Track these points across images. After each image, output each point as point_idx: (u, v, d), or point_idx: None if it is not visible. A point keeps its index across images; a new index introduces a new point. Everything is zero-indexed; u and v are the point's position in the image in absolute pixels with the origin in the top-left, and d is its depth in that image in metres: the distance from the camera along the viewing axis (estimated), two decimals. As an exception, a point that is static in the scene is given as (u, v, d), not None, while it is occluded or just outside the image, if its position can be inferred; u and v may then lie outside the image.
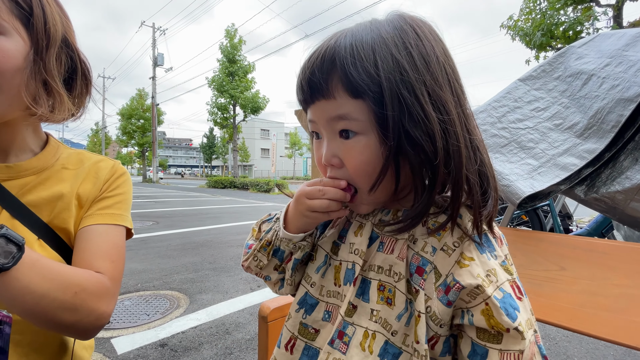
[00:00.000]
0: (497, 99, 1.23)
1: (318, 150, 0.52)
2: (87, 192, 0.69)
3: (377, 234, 0.53)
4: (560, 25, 8.10)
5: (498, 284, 0.43)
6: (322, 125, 0.49)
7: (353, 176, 0.49)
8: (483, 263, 0.44)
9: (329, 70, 0.45)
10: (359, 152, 0.47)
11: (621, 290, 0.84)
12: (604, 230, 2.77)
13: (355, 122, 0.46)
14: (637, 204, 0.90)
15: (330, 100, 0.46)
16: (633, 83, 0.96)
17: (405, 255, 0.49)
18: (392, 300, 0.49)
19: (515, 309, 0.42)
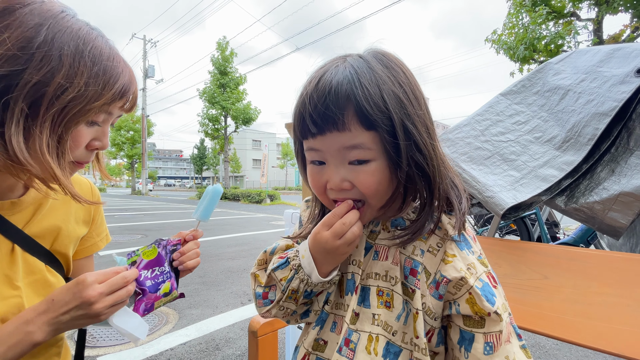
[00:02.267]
0: (480, 113, 1.27)
1: (318, 175, 0.55)
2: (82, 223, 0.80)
3: (371, 243, 0.59)
4: (542, 39, 8.39)
5: (477, 275, 0.50)
6: (330, 154, 0.53)
7: (366, 195, 0.53)
8: (463, 258, 0.52)
9: (344, 105, 0.49)
10: (371, 174, 0.52)
11: (602, 298, 0.86)
12: (589, 238, 2.83)
13: (369, 150, 0.51)
14: (615, 214, 0.93)
15: (344, 133, 0.50)
16: (607, 98, 1.00)
17: (399, 260, 0.55)
18: (390, 303, 0.54)
19: (492, 295, 0.49)
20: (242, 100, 21.38)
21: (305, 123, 0.52)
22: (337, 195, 0.55)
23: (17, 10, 0.53)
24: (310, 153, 0.55)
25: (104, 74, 0.59)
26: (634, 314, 0.81)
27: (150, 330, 2.56)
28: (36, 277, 0.67)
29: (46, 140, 0.55)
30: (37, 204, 0.69)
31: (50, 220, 0.71)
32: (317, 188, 0.57)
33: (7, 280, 0.63)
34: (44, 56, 0.53)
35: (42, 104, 0.54)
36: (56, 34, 0.54)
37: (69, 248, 0.75)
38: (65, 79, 0.54)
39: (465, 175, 1.15)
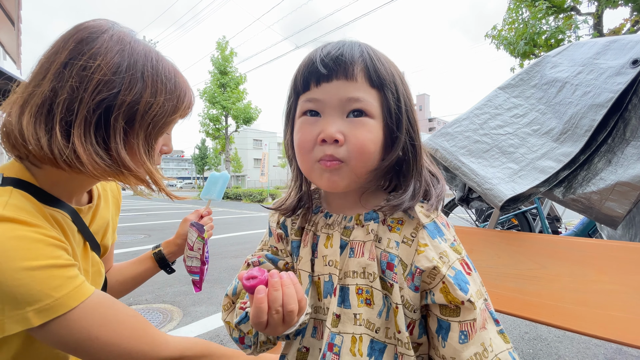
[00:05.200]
0: (479, 107, 1.28)
1: (310, 127, 0.54)
2: (117, 216, 0.92)
3: (345, 241, 0.57)
4: (543, 34, 8.37)
5: (450, 264, 0.50)
6: (331, 104, 0.52)
7: (355, 153, 0.51)
8: (435, 247, 0.51)
9: (356, 57, 0.52)
10: (368, 130, 0.52)
11: (599, 286, 0.88)
12: (590, 231, 2.83)
13: (370, 105, 0.52)
14: (612, 204, 0.94)
15: (350, 82, 0.51)
16: (603, 89, 1.01)
17: (375, 255, 0.54)
18: (370, 300, 0.53)
19: (466, 282, 0.49)
20: (242, 99, 21.40)
21: (314, 67, 0.52)
22: (323, 152, 0.52)
23: (99, 37, 0.59)
24: (307, 104, 0.54)
25: (176, 89, 0.67)
26: (630, 301, 0.83)
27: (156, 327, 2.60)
28: (95, 268, 0.77)
29: (143, 150, 0.65)
30: (96, 207, 0.79)
31: (102, 219, 0.81)
32: (305, 142, 0.54)
33: (86, 274, 0.72)
34: (132, 79, 0.60)
35: (136, 120, 0.62)
36: (135, 57, 0.61)
37: (110, 241, 0.87)
38: (150, 97, 0.62)
39: (464, 169, 1.17)
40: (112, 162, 0.61)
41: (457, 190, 1.55)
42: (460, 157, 1.20)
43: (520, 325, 2.50)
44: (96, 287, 0.73)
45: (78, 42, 0.58)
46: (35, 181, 0.62)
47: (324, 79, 0.52)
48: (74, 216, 0.69)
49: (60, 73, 0.57)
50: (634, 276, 0.85)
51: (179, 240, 1.04)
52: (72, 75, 0.56)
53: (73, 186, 0.69)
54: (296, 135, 0.56)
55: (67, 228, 0.66)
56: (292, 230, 0.65)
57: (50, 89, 0.56)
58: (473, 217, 3.98)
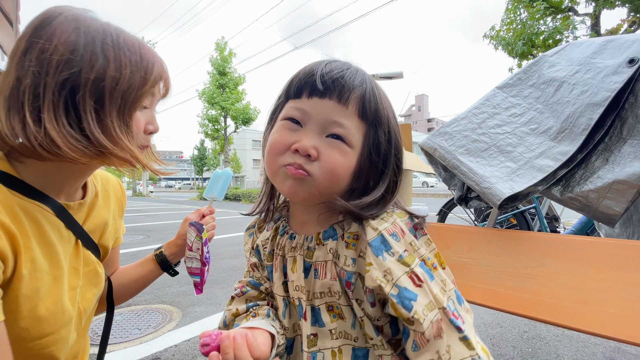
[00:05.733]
0: (477, 106, 1.29)
1: (287, 134, 0.54)
2: (119, 217, 0.90)
3: (309, 262, 0.58)
4: (540, 34, 8.40)
5: (394, 282, 0.48)
6: (315, 119, 0.53)
7: (324, 171, 0.52)
8: (379, 265, 0.49)
9: (355, 85, 0.53)
10: (342, 154, 0.53)
11: (597, 283, 0.88)
12: (588, 230, 2.84)
13: (352, 136, 0.53)
14: (609, 202, 0.95)
15: (341, 106, 0.53)
16: (600, 88, 1.02)
17: (336, 274, 0.55)
18: (342, 314, 0.55)
19: (410, 299, 0.47)
20: (241, 100, 21.38)
21: (312, 80, 0.53)
22: (293, 160, 0.52)
23: (54, 20, 0.58)
24: (293, 111, 0.55)
25: (142, 60, 0.64)
26: (628, 298, 0.83)
27: (154, 328, 2.59)
28: (90, 268, 0.76)
29: (118, 127, 0.62)
30: (92, 204, 0.78)
31: (100, 218, 0.79)
32: (278, 145, 0.55)
33: (75, 272, 0.71)
34: (91, 55, 0.58)
35: (105, 97, 0.60)
36: (93, 33, 0.60)
37: (110, 242, 0.85)
38: (115, 72, 0.60)
39: (462, 168, 1.17)
40: (88, 142, 0.60)
41: (455, 190, 1.55)
42: (459, 156, 1.20)
43: (519, 324, 2.50)
44: (91, 287, 0.76)
45: (34, 29, 0.58)
46: (17, 175, 0.62)
47: (317, 93, 0.53)
48: (60, 211, 0.68)
49: (20, 61, 0.57)
50: (633, 274, 0.85)
51: (180, 241, 1.02)
52: (31, 61, 0.56)
53: (59, 180, 0.67)
54: (272, 136, 0.57)
55: (43, 222, 0.64)
56: (264, 255, 0.67)
57: (16, 79, 0.56)
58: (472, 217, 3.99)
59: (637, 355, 2.11)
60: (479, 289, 1.05)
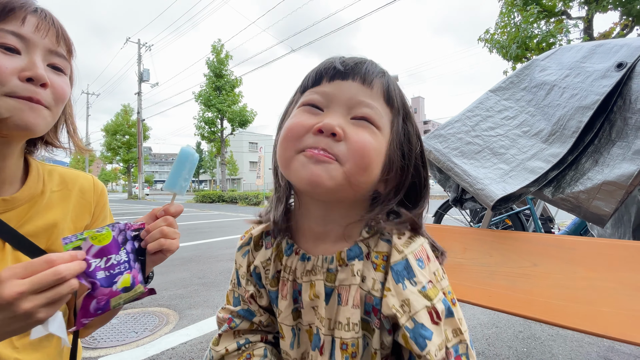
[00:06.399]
0: (471, 109, 1.31)
1: (306, 117, 0.47)
2: (80, 218, 0.76)
3: (331, 287, 0.51)
4: (534, 37, 8.50)
5: (411, 314, 0.44)
6: (339, 100, 0.47)
7: (353, 153, 0.45)
8: (398, 293, 0.45)
9: (376, 72, 0.49)
10: (372, 136, 0.46)
11: (588, 282, 0.90)
12: (582, 231, 2.88)
13: (381, 118, 0.48)
14: (599, 202, 0.97)
15: (366, 87, 0.48)
16: (590, 92, 1.05)
17: (359, 302, 0.49)
18: (356, 353, 0.49)
19: (425, 338, 0.42)
20: (238, 102, 21.39)
21: (331, 65, 0.48)
22: (318, 142, 0.45)
23: None
24: (313, 96, 0.49)
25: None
26: (617, 296, 0.85)
27: (151, 331, 2.58)
28: None
29: None
30: (33, 202, 0.67)
31: (46, 218, 0.69)
32: (296, 129, 0.47)
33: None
34: None
35: None
36: None
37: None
38: None
39: (456, 170, 1.19)
40: None
41: (450, 192, 1.57)
42: (453, 158, 1.22)
43: (514, 325, 2.52)
44: None
45: None
46: None
47: (339, 76, 0.48)
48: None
49: None
50: (622, 273, 0.88)
51: None
52: None
53: None
54: (288, 122, 0.49)
55: None
56: (267, 279, 0.58)
57: None
58: (467, 218, 4.02)
59: (631, 354, 2.14)
60: (473, 289, 1.07)
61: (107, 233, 0.59)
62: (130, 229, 0.63)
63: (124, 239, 0.62)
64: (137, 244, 0.64)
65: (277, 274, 0.56)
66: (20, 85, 0.55)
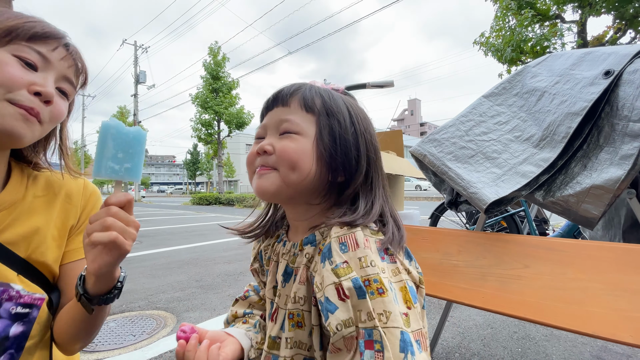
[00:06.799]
0: (464, 114, 1.34)
1: (255, 146, 0.63)
2: (65, 223, 0.71)
3: (292, 267, 0.61)
4: (529, 41, 8.60)
5: (323, 289, 0.49)
6: (270, 126, 0.61)
7: (279, 158, 0.57)
8: (319, 272, 0.51)
9: (292, 92, 0.62)
10: (292, 141, 0.58)
11: (577, 283, 0.93)
12: (575, 233, 2.92)
13: (297, 125, 0.59)
14: (588, 206, 1.00)
15: (285, 108, 0.61)
16: (579, 99, 1.08)
17: (305, 278, 0.56)
18: (302, 322, 0.55)
19: (329, 311, 0.47)
20: (235, 104, 21.38)
21: (265, 102, 0.64)
22: (260, 161, 0.60)
23: None
24: (258, 131, 0.65)
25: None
26: (605, 297, 0.88)
27: (149, 334, 2.59)
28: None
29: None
30: (12, 209, 0.64)
31: (27, 225, 0.65)
32: (249, 157, 0.63)
33: None
34: None
35: None
36: None
37: (48, 255, 0.68)
38: None
39: (450, 173, 1.22)
40: None
41: (446, 194, 1.60)
42: (447, 162, 1.25)
43: (509, 325, 2.55)
44: None
45: None
46: None
47: (269, 109, 0.63)
48: None
49: None
50: (609, 274, 0.91)
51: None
52: None
53: None
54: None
55: None
56: (265, 260, 0.71)
57: None
58: (463, 220, 4.06)
59: (624, 354, 2.17)
60: (467, 290, 1.09)
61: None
62: (15, 300, 0.41)
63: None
64: (18, 328, 0.40)
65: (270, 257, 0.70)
66: (26, 96, 0.57)
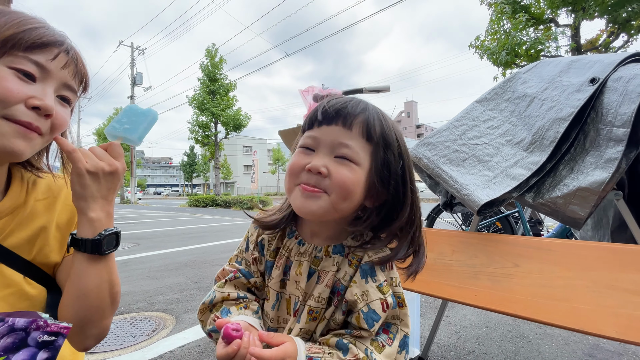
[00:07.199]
0: (458, 119, 1.39)
1: (302, 158, 0.62)
2: (66, 223, 0.74)
3: (314, 269, 0.66)
4: (523, 44, 8.71)
5: (367, 302, 0.60)
6: (324, 143, 0.61)
7: (335, 186, 0.58)
8: (361, 286, 0.61)
9: (357, 112, 0.61)
10: (350, 171, 0.59)
11: (564, 281, 0.98)
12: (568, 234, 2.98)
13: (357, 154, 0.60)
14: (575, 207, 1.05)
15: (345, 130, 0.60)
16: (566, 104, 1.13)
17: (332, 284, 0.64)
18: (317, 318, 0.64)
19: (374, 320, 0.59)
20: (232, 106, 21.38)
21: (318, 113, 0.62)
22: (308, 179, 0.59)
23: None
24: (307, 140, 0.63)
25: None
26: (591, 294, 0.93)
27: (148, 335, 2.61)
28: (11, 290, 0.63)
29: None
30: (15, 213, 0.65)
31: (29, 230, 0.67)
32: (295, 167, 0.62)
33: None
34: None
35: None
36: None
37: (51, 257, 0.70)
38: None
39: (444, 176, 1.27)
40: None
41: (441, 196, 1.65)
42: (441, 165, 1.30)
43: (503, 325, 2.60)
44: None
45: None
46: None
47: (325, 122, 0.61)
48: None
49: None
50: (594, 272, 0.95)
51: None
52: None
53: None
54: (290, 160, 0.65)
55: None
56: (268, 251, 0.73)
57: None
58: (459, 222, 4.11)
59: (615, 352, 2.23)
60: (460, 288, 1.13)
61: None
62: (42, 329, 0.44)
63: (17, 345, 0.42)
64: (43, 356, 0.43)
65: (277, 249, 0.72)
66: (23, 111, 0.55)
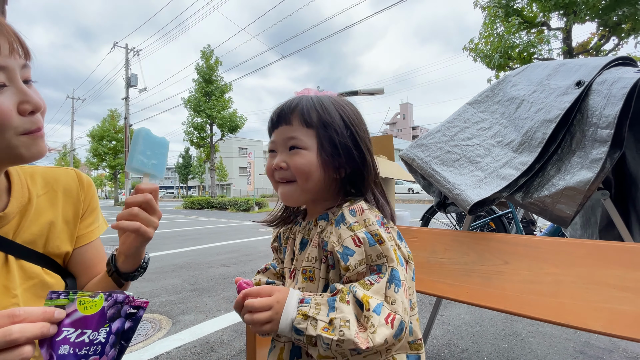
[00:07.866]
0: (450, 121, 1.42)
1: (270, 161, 0.75)
2: (71, 215, 0.78)
3: (306, 239, 0.76)
4: (516, 47, 8.83)
5: (341, 242, 0.65)
6: (279, 144, 0.73)
7: (294, 173, 0.70)
8: (335, 233, 0.67)
9: (292, 109, 0.72)
10: (301, 157, 0.70)
11: (552, 277, 1.01)
12: (559, 233, 3.03)
13: (302, 140, 0.70)
14: (562, 206, 1.09)
15: (288, 126, 0.72)
16: (553, 107, 1.17)
17: (318, 243, 0.71)
18: (313, 277, 0.70)
19: (348, 255, 0.63)
20: (227, 108, 21.35)
21: (270, 121, 0.76)
22: (278, 175, 0.72)
23: None
24: (269, 145, 0.76)
25: None
26: (577, 289, 0.96)
27: (145, 337, 2.61)
28: (34, 281, 0.69)
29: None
30: (23, 212, 0.69)
31: (39, 224, 0.71)
32: (268, 170, 0.75)
33: (5, 291, 0.64)
34: None
35: None
36: None
37: (62, 248, 0.75)
38: None
39: (437, 176, 1.30)
40: None
41: (434, 197, 1.68)
42: (434, 165, 1.33)
43: (497, 323, 2.64)
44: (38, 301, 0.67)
45: None
46: None
47: (274, 127, 0.75)
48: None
49: None
50: (581, 268, 0.99)
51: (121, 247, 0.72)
52: None
53: None
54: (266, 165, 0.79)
55: None
56: (284, 240, 0.86)
57: None
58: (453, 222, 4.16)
59: (606, 349, 2.27)
60: (453, 286, 1.16)
61: (99, 301, 0.53)
62: (130, 303, 0.55)
63: (115, 315, 0.53)
64: (128, 324, 0.54)
65: (288, 237, 0.83)
66: (26, 121, 0.57)
